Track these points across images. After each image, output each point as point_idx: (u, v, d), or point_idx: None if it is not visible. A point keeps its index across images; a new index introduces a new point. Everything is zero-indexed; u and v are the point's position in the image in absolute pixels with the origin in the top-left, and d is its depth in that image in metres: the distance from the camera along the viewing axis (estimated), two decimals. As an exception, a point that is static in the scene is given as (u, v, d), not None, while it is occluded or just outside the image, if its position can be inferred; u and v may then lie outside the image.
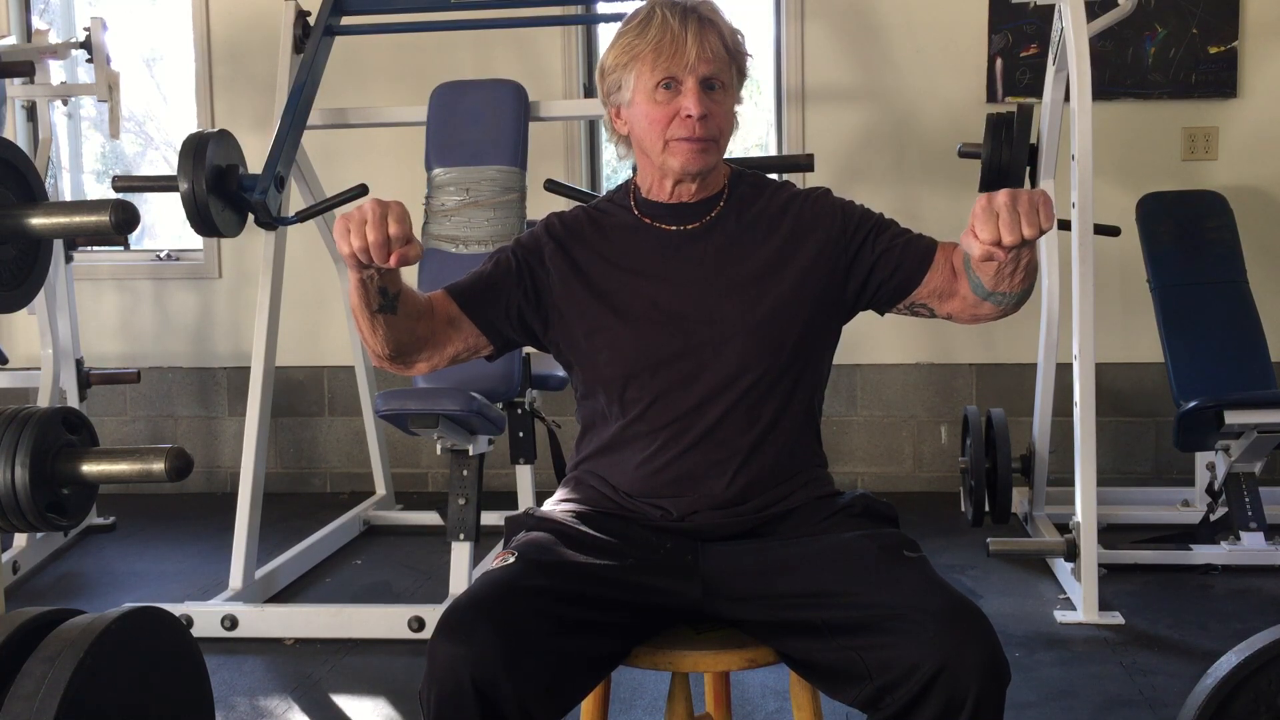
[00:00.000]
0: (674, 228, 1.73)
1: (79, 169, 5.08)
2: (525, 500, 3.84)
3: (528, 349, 3.35)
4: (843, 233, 1.71)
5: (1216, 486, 3.62)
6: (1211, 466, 3.67)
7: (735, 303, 1.69)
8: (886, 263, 1.70)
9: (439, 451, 3.20)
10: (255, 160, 3.52)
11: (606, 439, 1.73)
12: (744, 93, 1.77)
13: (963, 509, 4.05)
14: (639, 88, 1.66)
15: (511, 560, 1.55)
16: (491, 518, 3.30)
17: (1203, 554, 3.52)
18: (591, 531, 1.63)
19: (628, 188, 1.80)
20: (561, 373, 3.56)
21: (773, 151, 4.67)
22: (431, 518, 4.14)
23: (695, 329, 1.68)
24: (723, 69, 1.66)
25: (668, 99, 1.64)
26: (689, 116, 1.63)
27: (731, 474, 1.66)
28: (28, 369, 4.32)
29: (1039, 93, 4.00)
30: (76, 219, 2.24)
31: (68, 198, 4.79)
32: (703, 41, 1.63)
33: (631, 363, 1.69)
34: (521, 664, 1.41)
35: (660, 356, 1.68)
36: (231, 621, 3.13)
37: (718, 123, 1.66)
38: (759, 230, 1.73)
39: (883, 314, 1.78)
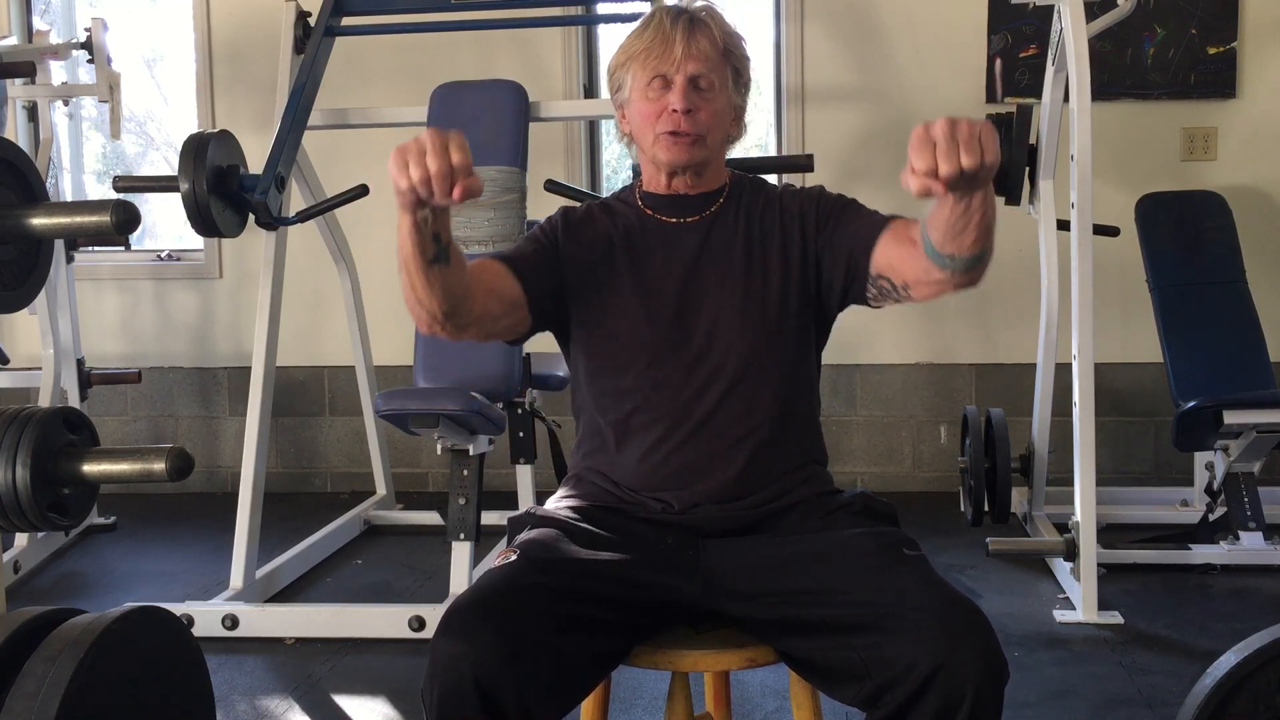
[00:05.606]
0: (674, 220, 1.78)
1: (80, 169, 5.08)
2: (525, 500, 3.84)
3: (527, 349, 3.35)
4: (815, 219, 1.74)
5: (1215, 486, 3.62)
6: (1210, 466, 3.67)
7: (731, 295, 1.72)
8: (842, 237, 1.71)
9: (439, 451, 3.20)
10: (256, 160, 3.52)
11: (606, 433, 1.75)
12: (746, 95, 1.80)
13: (962, 509, 4.05)
14: (635, 85, 1.73)
15: (513, 558, 1.56)
16: (491, 518, 3.30)
17: (1202, 554, 3.52)
18: (593, 529, 1.64)
19: (633, 185, 1.85)
20: (561, 372, 3.56)
21: (773, 152, 4.68)
22: (432, 518, 4.14)
23: (692, 320, 1.72)
24: (712, 69, 1.70)
25: (659, 95, 1.71)
26: (674, 111, 1.69)
27: (733, 464, 1.68)
28: (29, 369, 4.32)
29: (1038, 93, 4.00)
30: (77, 219, 2.24)
31: (68, 198, 4.79)
32: (690, 41, 1.69)
33: (629, 352, 1.72)
34: (524, 662, 1.41)
35: (658, 347, 1.71)
36: (232, 621, 3.14)
37: (705, 119, 1.71)
38: (756, 227, 1.76)
39: (867, 301, 1.71)
